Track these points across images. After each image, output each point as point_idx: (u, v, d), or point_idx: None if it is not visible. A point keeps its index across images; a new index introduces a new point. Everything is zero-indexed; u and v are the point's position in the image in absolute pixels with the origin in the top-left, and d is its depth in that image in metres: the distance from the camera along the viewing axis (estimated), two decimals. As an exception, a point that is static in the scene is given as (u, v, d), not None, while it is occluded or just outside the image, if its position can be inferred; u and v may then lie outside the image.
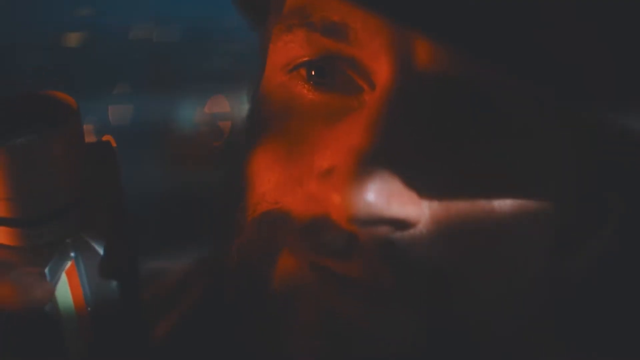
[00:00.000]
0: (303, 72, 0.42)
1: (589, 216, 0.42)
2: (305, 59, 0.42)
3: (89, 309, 0.41)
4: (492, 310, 0.40)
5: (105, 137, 0.44)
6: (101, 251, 0.41)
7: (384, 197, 0.37)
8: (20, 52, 1.15)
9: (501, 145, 0.39)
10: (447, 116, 0.39)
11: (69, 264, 0.40)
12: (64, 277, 0.40)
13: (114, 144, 0.43)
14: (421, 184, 0.39)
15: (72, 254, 0.40)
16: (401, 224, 0.39)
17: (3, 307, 0.37)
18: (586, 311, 0.43)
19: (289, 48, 0.42)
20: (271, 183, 0.42)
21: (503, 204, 0.39)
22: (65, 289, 0.40)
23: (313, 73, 0.42)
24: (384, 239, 0.39)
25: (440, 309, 0.40)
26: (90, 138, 0.42)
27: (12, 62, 1.14)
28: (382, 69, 0.39)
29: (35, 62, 1.14)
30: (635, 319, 0.44)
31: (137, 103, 1.13)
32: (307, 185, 0.40)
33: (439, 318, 0.40)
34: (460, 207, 0.39)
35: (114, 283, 0.41)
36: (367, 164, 0.38)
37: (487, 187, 0.39)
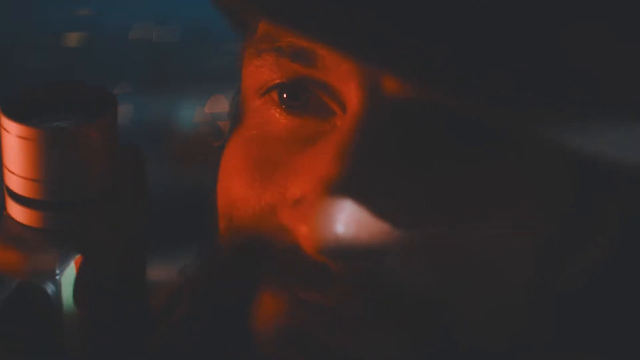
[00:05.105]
0: (275, 95, 0.41)
1: (581, 225, 0.42)
2: (277, 81, 0.41)
3: (89, 307, 0.41)
4: (481, 325, 0.40)
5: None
6: (109, 252, 0.41)
7: (353, 228, 0.36)
8: (20, 52, 1.15)
9: (475, 166, 0.38)
10: (418, 140, 0.38)
11: (77, 255, 0.41)
12: (72, 268, 0.40)
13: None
14: (394, 211, 0.37)
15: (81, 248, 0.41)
16: (371, 255, 0.37)
17: (11, 274, 0.38)
18: (586, 312, 0.43)
19: (260, 72, 0.41)
20: (247, 212, 0.41)
21: (483, 223, 0.38)
22: (71, 281, 0.40)
23: (285, 96, 0.41)
24: (357, 269, 0.37)
25: (426, 331, 0.39)
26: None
27: (12, 62, 1.14)
28: (351, 94, 0.38)
29: (35, 62, 1.15)
30: (635, 320, 0.44)
31: (137, 103, 1.13)
32: (280, 214, 0.39)
33: (425, 339, 0.39)
34: (437, 231, 0.38)
35: (115, 286, 0.42)
36: (335, 193, 0.36)
37: (464, 208, 0.38)
